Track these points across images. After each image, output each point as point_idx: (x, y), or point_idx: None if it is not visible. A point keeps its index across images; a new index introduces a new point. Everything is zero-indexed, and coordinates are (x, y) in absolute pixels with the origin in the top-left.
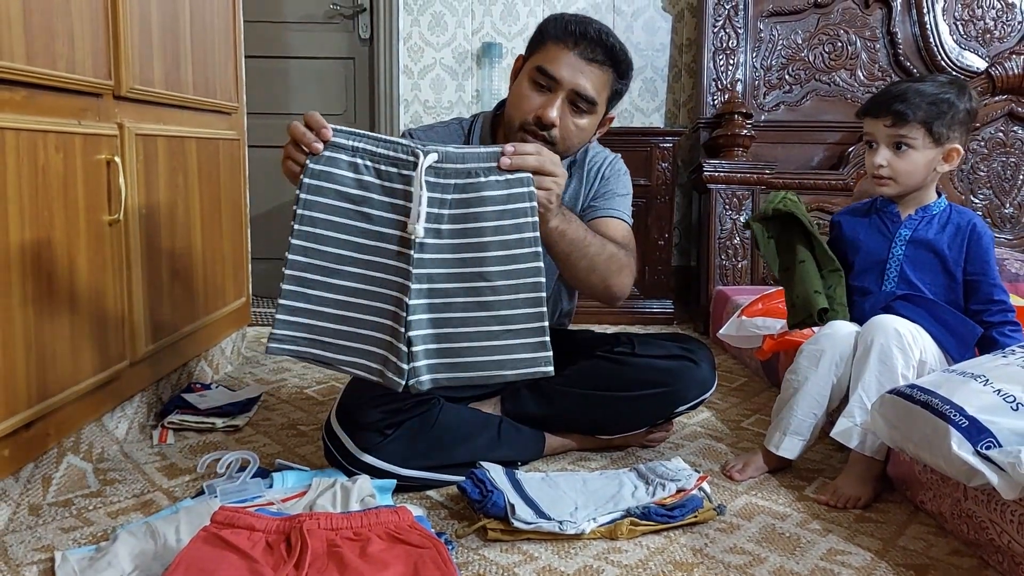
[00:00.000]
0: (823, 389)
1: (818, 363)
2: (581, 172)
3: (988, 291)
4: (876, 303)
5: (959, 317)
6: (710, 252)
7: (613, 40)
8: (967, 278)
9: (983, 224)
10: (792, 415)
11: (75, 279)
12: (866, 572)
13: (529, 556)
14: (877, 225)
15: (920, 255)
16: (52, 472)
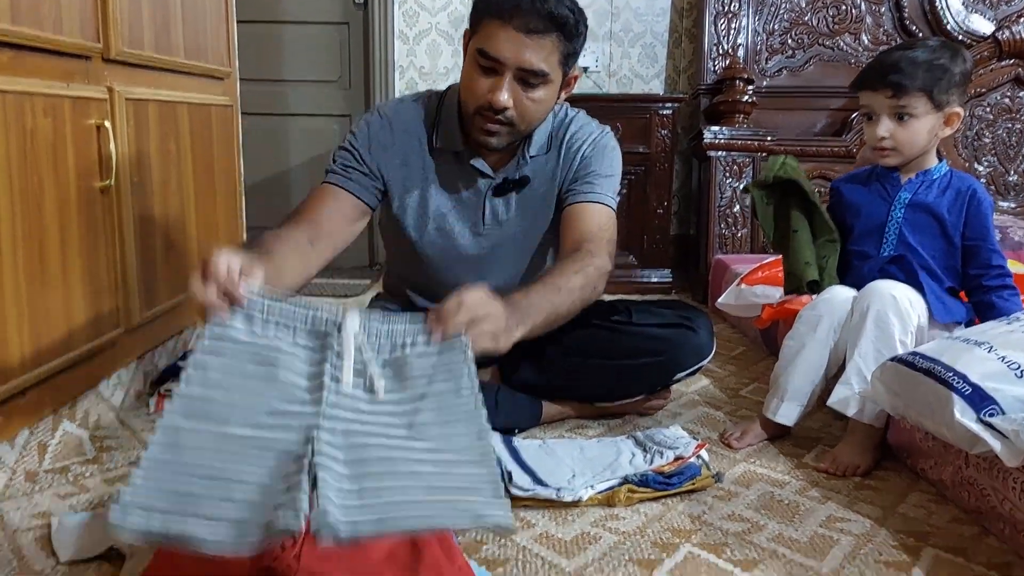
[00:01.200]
0: (821, 355)
1: (816, 329)
2: (560, 149)
3: (987, 256)
4: (873, 268)
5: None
6: (709, 220)
7: (550, 3)
8: (966, 243)
9: (983, 190)
10: (790, 381)
11: (67, 246)
12: (866, 539)
13: (526, 523)
14: (877, 190)
15: (919, 218)
16: (48, 439)
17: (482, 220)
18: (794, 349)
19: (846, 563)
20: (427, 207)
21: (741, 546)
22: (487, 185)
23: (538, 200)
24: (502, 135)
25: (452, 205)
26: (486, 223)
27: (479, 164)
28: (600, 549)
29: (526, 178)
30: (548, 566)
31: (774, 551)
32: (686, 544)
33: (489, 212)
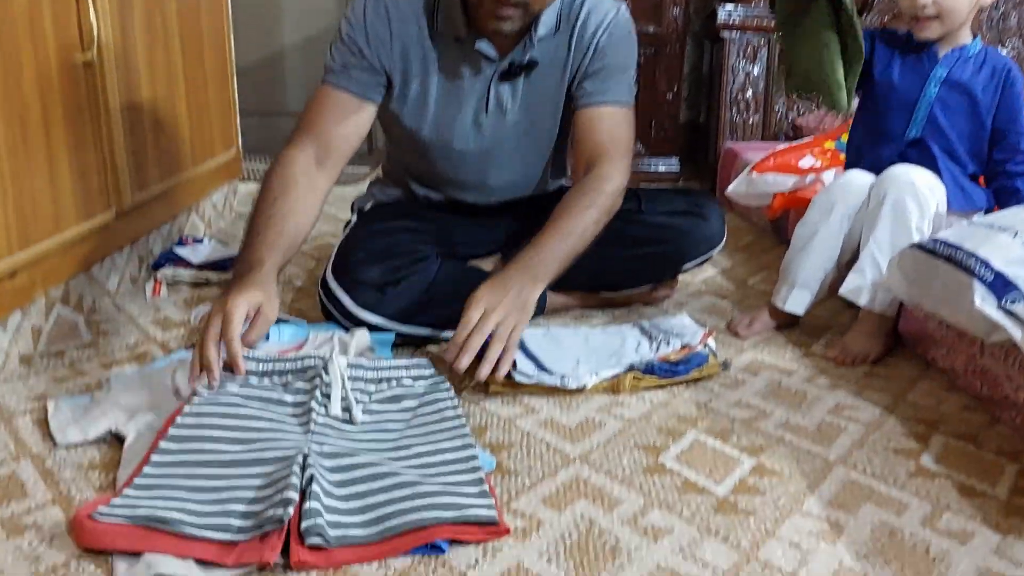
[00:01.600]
0: (834, 241)
1: (830, 214)
2: (571, 34)
3: (1016, 140)
4: (893, 152)
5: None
6: (720, 106)
7: None
8: (995, 126)
9: (1018, 70)
10: (801, 269)
11: (50, 123)
12: (874, 427)
13: (530, 409)
14: (912, 63)
15: (953, 97)
16: (42, 323)
17: (485, 109)
18: (806, 236)
19: (854, 450)
20: (427, 97)
21: (748, 433)
22: (492, 70)
23: (546, 88)
24: (515, 19)
25: (454, 93)
26: (489, 112)
27: (484, 47)
28: (605, 435)
29: (534, 61)
30: (552, 450)
31: (781, 438)
32: (692, 430)
33: (493, 100)
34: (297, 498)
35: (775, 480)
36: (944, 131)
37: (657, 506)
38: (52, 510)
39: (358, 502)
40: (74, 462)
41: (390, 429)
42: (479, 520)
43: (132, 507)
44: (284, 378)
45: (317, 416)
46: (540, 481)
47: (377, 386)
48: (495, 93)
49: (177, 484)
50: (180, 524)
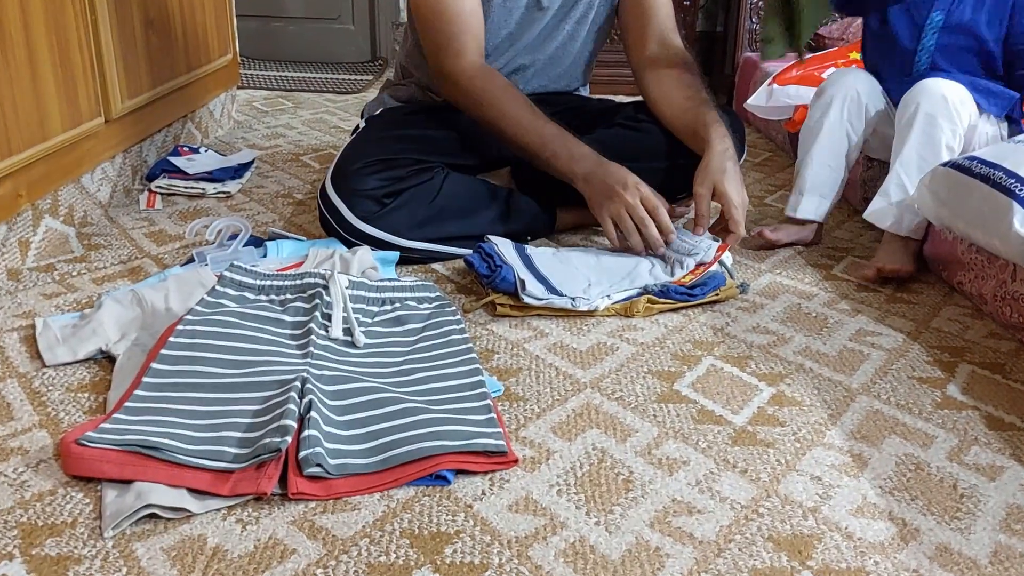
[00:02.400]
0: (837, 138)
1: (828, 111)
2: None
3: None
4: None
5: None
6: (740, 14)
7: None
8: (1012, 48)
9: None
10: (808, 172)
11: (30, 22)
12: (898, 354)
13: (540, 332)
14: (909, 9)
15: (954, 41)
16: (30, 236)
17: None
18: (810, 138)
19: (877, 378)
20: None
21: (766, 359)
22: None
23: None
24: None
25: None
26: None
27: None
28: (617, 360)
29: None
30: (563, 376)
31: (801, 364)
32: (708, 356)
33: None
34: (295, 425)
35: (795, 410)
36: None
37: (672, 436)
38: (39, 434)
39: (359, 430)
40: (63, 383)
41: (393, 353)
42: (486, 450)
43: (122, 432)
44: (282, 296)
45: (317, 338)
46: (549, 408)
47: (380, 307)
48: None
49: (169, 408)
50: (172, 451)
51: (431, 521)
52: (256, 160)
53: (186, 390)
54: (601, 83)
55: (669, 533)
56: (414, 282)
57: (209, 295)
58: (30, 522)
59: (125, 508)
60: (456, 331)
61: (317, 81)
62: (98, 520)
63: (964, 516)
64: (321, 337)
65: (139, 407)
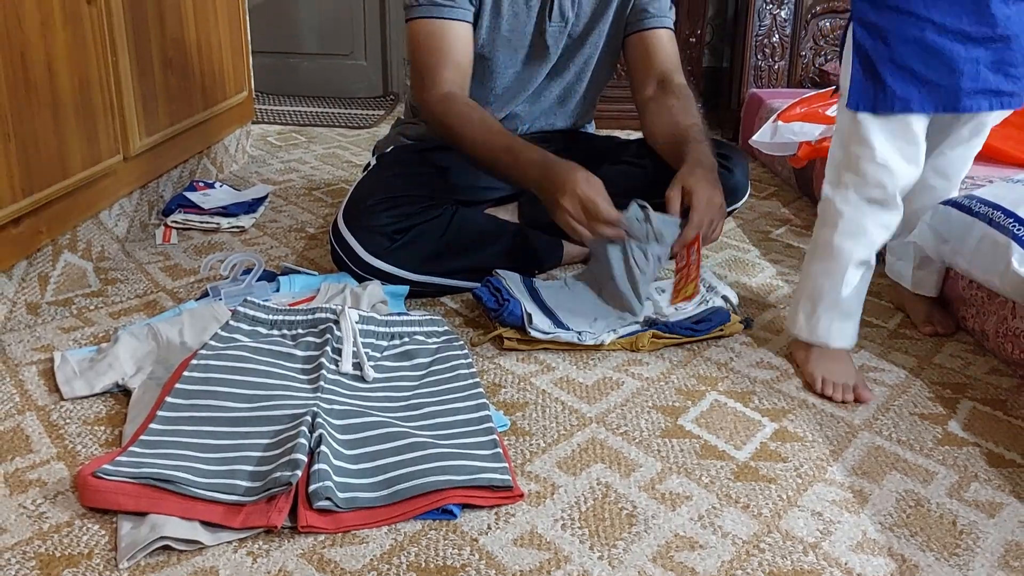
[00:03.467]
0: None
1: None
2: None
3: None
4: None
5: None
6: (745, 51)
7: None
8: None
9: None
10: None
11: (54, 66)
12: (900, 390)
13: (546, 366)
14: None
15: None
16: (49, 270)
17: (548, 15)
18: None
19: (879, 414)
20: (500, 3)
21: (769, 395)
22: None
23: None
24: None
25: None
26: (552, 20)
27: None
28: (623, 395)
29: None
30: (568, 411)
31: (803, 400)
32: (712, 392)
33: (556, 7)
34: (306, 459)
35: (797, 445)
36: None
37: (675, 471)
38: (56, 466)
39: (368, 464)
40: (80, 416)
41: (402, 387)
42: (492, 484)
43: (137, 465)
44: (294, 331)
45: (327, 372)
46: (555, 443)
47: (389, 342)
48: (558, 1)
49: (183, 442)
50: (186, 484)
51: (437, 555)
52: (270, 195)
53: (200, 424)
54: (608, 118)
55: (671, 568)
56: (423, 316)
57: (223, 330)
58: (48, 553)
59: (140, 540)
60: (463, 365)
61: (330, 116)
62: (114, 552)
63: (963, 552)
64: (331, 371)
65: (154, 440)
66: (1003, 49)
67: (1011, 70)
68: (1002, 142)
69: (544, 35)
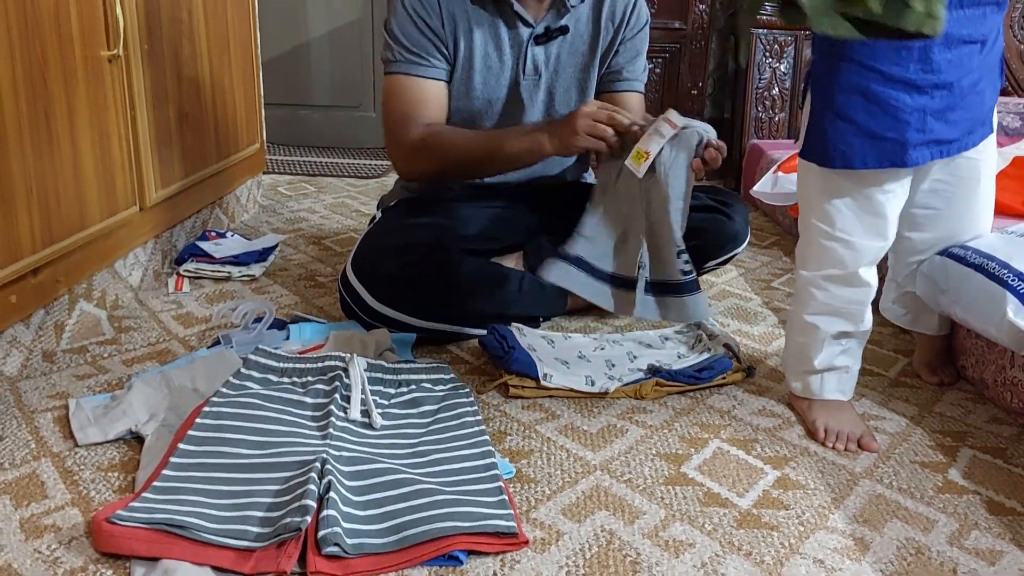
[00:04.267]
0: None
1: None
2: (600, 8)
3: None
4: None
5: None
6: (746, 103)
7: None
8: None
9: None
10: None
11: (75, 120)
12: (901, 438)
13: (551, 414)
14: None
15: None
16: (65, 319)
17: (523, 71)
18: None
19: (880, 463)
20: (472, 57)
21: (771, 442)
22: (528, 34)
23: (577, 55)
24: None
25: (495, 55)
26: (526, 74)
27: (521, 11)
28: (626, 442)
29: (566, 27)
30: (573, 458)
31: (805, 448)
32: (715, 439)
33: (530, 62)
34: (315, 505)
35: (799, 493)
36: None
37: (679, 518)
38: (71, 512)
39: (376, 510)
40: (94, 462)
41: (409, 434)
42: (498, 531)
43: (150, 511)
44: (304, 378)
45: (336, 419)
46: (560, 490)
47: (397, 389)
48: (531, 56)
49: (195, 488)
50: (198, 530)
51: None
52: (280, 244)
53: (211, 470)
54: None
55: None
56: (429, 364)
57: (234, 377)
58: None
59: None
60: (469, 413)
61: (339, 166)
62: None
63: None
64: (340, 419)
65: (167, 486)
66: (946, 96)
67: (950, 115)
68: (999, 193)
69: (519, 88)
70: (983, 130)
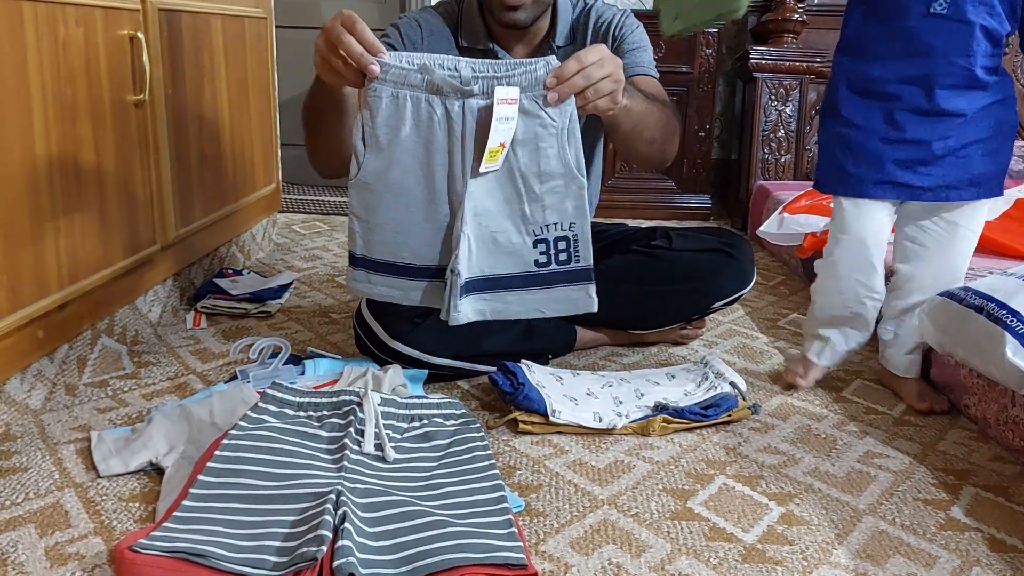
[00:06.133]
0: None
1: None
2: (587, 35)
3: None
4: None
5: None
6: (752, 145)
7: None
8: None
9: None
10: None
11: (102, 160)
12: (904, 476)
13: (560, 449)
14: None
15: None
16: (87, 353)
17: None
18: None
19: (883, 499)
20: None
21: (776, 479)
22: None
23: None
24: (527, 7)
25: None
26: None
27: (506, 57)
28: (634, 478)
29: None
30: (581, 493)
31: (810, 485)
32: (720, 476)
33: None
34: (331, 535)
35: (803, 529)
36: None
37: (684, 553)
38: (94, 540)
39: (389, 541)
40: (115, 493)
41: (421, 468)
42: (507, 562)
43: (171, 540)
44: (319, 412)
45: (351, 452)
46: (568, 524)
47: (409, 424)
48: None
49: (215, 518)
50: (217, 559)
51: None
52: (295, 281)
53: (230, 501)
54: (619, 208)
55: None
56: (441, 400)
57: (252, 411)
58: None
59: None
60: (480, 447)
61: (333, 204)
62: None
63: None
64: (354, 452)
65: (187, 516)
66: (913, 150)
67: (921, 168)
68: (1001, 235)
69: None
70: (973, 191)
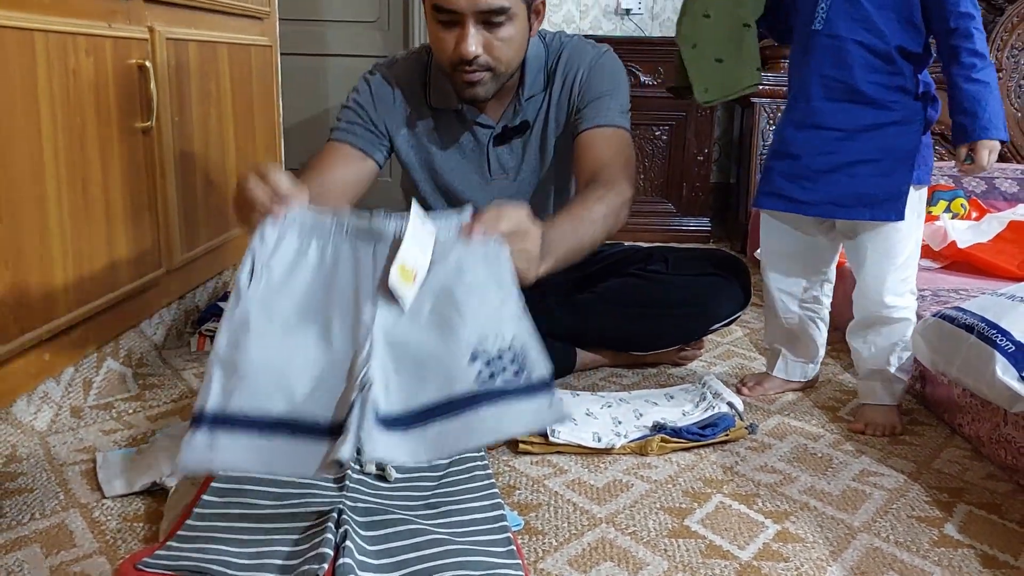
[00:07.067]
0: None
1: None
2: (557, 83)
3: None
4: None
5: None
6: (751, 169)
7: None
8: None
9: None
10: None
11: (109, 185)
12: (898, 494)
13: (559, 469)
14: None
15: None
16: (93, 376)
17: (489, 172)
18: None
19: (878, 517)
20: (433, 165)
21: (773, 497)
22: (487, 136)
23: (546, 144)
24: (486, 82)
25: (458, 160)
26: (493, 174)
27: (475, 115)
28: (632, 497)
29: (526, 123)
30: (580, 512)
31: (806, 503)
32: (718, 494)
33: (495, 163)
34: (332, 553)
35: (799, 546)
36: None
37: (681, 570)
38: (99, 560)
39: (389, 559)
40: (120, 513)
41: (422, 487)
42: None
43: (175, 558)
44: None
45: (352, 472)
46: (567, 542)
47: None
48: (495, 156)
49: (218, 536)
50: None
51: None
52: None
53: (233, 520)
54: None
55: None
56: None
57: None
58: None
59: None
60: (480, 467)
61: None
62: None
63: None
64: (356, 471)
65: (190, 535)
66: (794, 164)
67: (804, 183)
68: (994, 256)
69: (488, 188)
70: (863, 211)
